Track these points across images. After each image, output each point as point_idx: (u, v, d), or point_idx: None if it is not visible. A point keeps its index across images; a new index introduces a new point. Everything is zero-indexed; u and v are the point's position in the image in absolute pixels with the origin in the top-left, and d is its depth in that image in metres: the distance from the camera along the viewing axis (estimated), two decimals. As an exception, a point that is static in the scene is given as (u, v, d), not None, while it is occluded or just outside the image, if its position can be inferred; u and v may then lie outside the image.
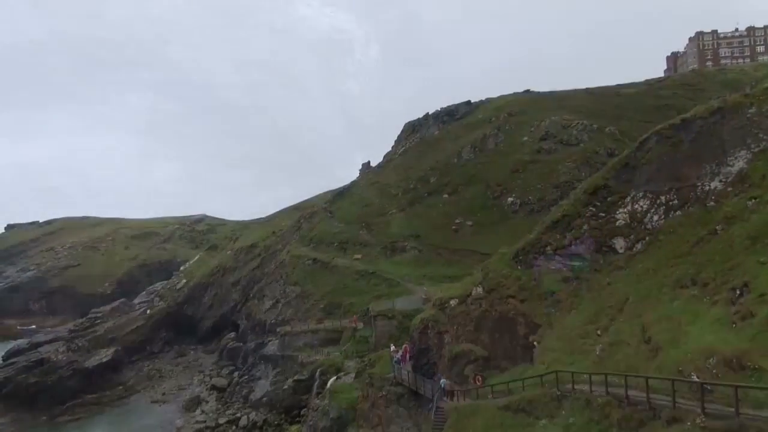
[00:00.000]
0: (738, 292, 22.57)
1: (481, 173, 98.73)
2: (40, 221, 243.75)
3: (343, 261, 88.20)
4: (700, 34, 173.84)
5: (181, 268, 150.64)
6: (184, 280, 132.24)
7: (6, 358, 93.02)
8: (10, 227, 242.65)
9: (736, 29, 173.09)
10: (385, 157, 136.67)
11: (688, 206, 32.09)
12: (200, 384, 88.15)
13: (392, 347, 45.20)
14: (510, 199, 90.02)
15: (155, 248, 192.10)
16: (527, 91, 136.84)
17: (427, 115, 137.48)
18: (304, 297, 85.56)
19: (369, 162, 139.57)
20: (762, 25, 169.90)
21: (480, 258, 71.38)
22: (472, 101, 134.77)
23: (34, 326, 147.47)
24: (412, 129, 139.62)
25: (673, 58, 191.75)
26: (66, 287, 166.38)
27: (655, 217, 33.47)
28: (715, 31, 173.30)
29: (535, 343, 32.53)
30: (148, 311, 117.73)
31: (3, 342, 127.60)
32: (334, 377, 54.44)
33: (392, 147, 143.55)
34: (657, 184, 34.42)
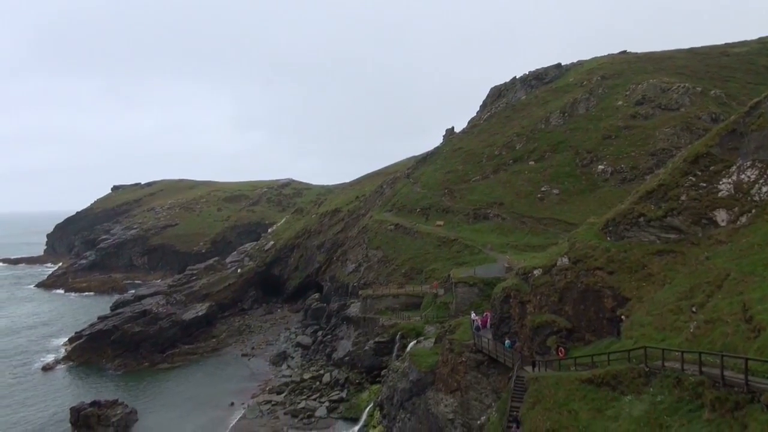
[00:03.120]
0: None
1: (570, 139, 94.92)
2: (142, 183, 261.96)
3: (425, 227, 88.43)
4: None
5: (269, 230, 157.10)
6: (272, 242, 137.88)
7: (114, 308, 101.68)
8: (116, 188, 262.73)
9: None
10: (469, 122, 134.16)
11: (803, 177, 29.39)
12: (286, 341, 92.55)
13: (473, 314, 45.07)
14: (600, 167, 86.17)
15: (245, 210, 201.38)
16: (623, 52, 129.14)
17: (514, 79, 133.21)
18: (386, 261, 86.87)
19: (453, 128, 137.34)
20: None
21: (566, 228, 69.43)
22: (562, 64, 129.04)
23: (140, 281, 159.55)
24: (498, 94, 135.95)
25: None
26: (165, 245, 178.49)
27: (764, 189, 30.83)
28: None
29: (623, 317, 31.28)
30: (239, 270, 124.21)
31: (111, 294, 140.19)
32: (414, 341, 55.27)
33: (477, 112, 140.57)
34: (768, 153, 31.64)
